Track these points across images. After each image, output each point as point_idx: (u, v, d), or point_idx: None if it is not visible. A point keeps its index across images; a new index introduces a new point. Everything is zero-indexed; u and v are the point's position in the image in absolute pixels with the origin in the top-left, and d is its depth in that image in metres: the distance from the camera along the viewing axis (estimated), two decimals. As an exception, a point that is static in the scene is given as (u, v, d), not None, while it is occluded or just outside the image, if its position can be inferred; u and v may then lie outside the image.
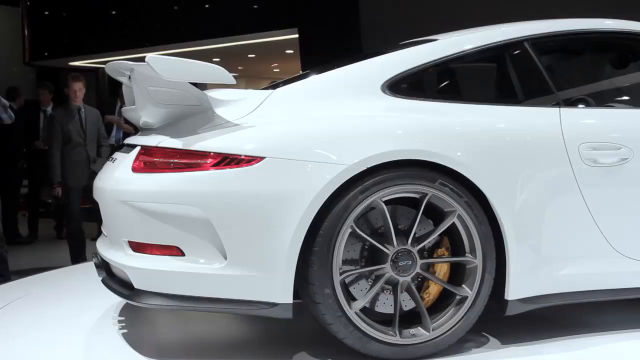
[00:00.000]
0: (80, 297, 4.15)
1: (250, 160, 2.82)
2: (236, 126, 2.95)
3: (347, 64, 3.27)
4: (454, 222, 2.98)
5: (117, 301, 3.77)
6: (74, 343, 3.30)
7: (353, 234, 2.90)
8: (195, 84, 3.07)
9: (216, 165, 2.83)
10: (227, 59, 15.90)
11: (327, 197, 2.81)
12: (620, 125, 3.24)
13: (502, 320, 3.10)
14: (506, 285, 3.01)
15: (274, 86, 3.29)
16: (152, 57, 2.83)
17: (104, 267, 3.20)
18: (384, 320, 2.99)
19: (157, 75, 2.83)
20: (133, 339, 3.28)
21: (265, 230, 2.79)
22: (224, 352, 3.13)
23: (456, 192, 2.93)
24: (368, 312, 3.00)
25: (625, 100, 3.72)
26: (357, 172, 2.83)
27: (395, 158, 2.87)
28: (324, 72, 3.26)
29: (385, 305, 3.02)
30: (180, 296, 2.86)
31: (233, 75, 3.05)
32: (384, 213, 2.89)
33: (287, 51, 14.75)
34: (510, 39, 3.30)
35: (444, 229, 2.98)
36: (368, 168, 2.85)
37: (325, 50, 9.79)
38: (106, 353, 3.20)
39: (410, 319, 3.01)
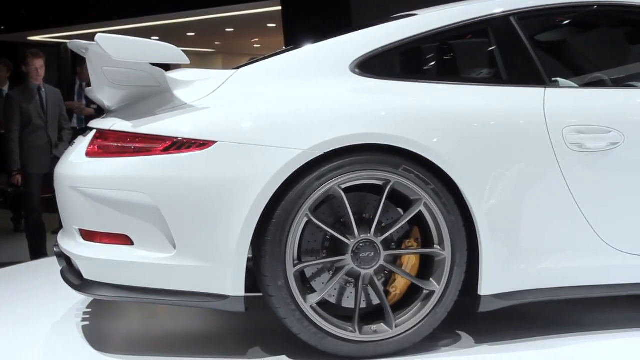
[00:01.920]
0: (40, 296, 3.87)
1: (202, 144, 2.67)
2: (191, 108, 2.80)
3: (327, 39, 3.08)
4: (423, 212, 2.77)
5: (80, 298, 3.57)
6: (31, 345, 3.12)
7: (313, 223, 2.72)
8: (165, 65, 2.93)
9: (166, 150, 2.69)
10: (202, 34, 14.96)
11: (280, 183, 2.64)
12: (610, 107, 2.98)
13: (479, 317, 2.88)
14: (479, 279, 2.80)
15: (249, 64, 3.13)
16: (102, 36, 2.70)
17: (64, 257, 3.09)
18: (360, 316, 2.81)
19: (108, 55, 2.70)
20: (93, 338, 3.13)
21: (215, 219, 2.65)
22: (177, 347, 3.00)
23: (422, 179, 2.73)
24: (335, 307, 2.83)
25: (621, 79, 3.43)
26: (312, 158, 2.65)
27: (354, 142, 2.68)
28: (295, 49, 3.08)
29: (350, 300, 2.84)
30: (129, 287, 2.74)
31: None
32: (343, 201, 2.71)
33: (269, 25, 13.83)
34: (494, 14, 3.06)
35: (408, 218, 2.78)
36: (326, 153, 2.66)
37: (311, 23, 9.14)
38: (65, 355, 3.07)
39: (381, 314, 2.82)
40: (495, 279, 2.81)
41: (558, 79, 3.43)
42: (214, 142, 2.67)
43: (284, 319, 2.70)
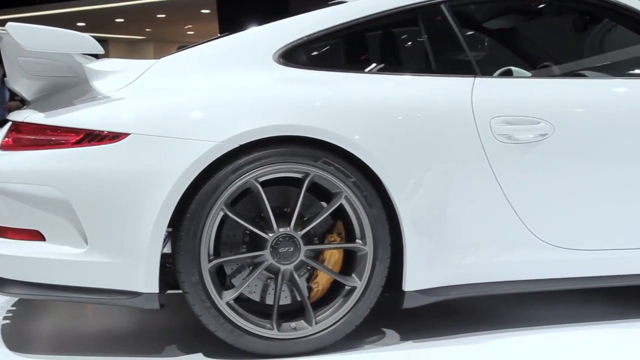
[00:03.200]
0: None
1: (115, 137, 2.59)
2: (107, 100, 2.71)
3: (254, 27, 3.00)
4: (345, 206, 2.69)
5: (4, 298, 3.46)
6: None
7: (230, 218, 2.65)
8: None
9: (78, 142, 2.61)
10: (132, 19, 14.57)
11: (194, 177, 2.56)
12: (540, 97, 2.90)
13: (407, 314, 2.82)
14: (403, 275, 2.72)
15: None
16: (12, 25, 2.61)
17: None
18: (283, 313, 2.75)
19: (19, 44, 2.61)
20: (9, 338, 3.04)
21: (127, 214, 2.56)
22: (93, 346, 2.92)
23: (343, 172, 2.65)
24: (259, 305, 2.76)
25: (557, 68, 3.36)
26: (227, 150, 2.57)
27: (270, 134, 2.60)
28: (219, 38, 3.00)
29: (272, 297, 2.76)
30: (41, 284, 2.65)
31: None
32: (260, 195, 2.63)
33: (203, 11, 13.49)
34: (425, 2, 2.98)
35: (328, 212, 2.70)
36: (242, 145, 2.58)
37: (247, 10, 8.90)
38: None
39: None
40: (420, 275, 2.74)
41: (512, 67, 3.37)
42: (127, 135, 2.58)
43: (199, 316, 2.63)
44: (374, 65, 3.13)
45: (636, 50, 3.40)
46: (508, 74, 3.31)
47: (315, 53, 2.96)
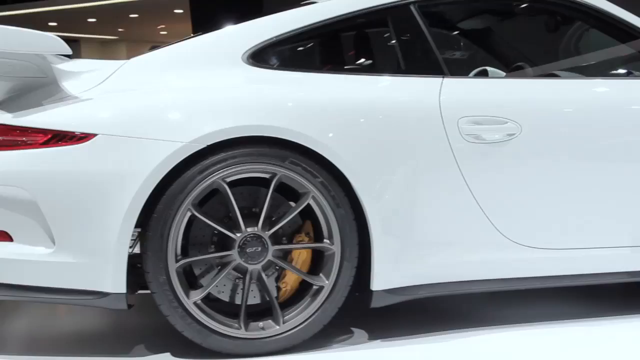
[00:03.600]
0: None
1: (82, 137, 2.59)
2: (76, 100, 2.72)
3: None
4: (312, 206, 2.71)
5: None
6: None
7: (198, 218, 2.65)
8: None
9: (46, 143, 2.61)
10: (104, 20, 14.32)
11: (161, 178, 2.57)
12: (508, 97, 2.92)
13: (376, 313, 2.82)
14: (371, 274, 2.73)
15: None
16: None
17: None
18: (253, 312, 2.76)
19: None
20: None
21: (95, 214, 2.57)
22: (60, 346, 2.92)
23: (310, 172, 2.66)
24: (228, 304, 2.78)
25: (530, 68, 3.39)
26: (195, 151, 2.58)
27: (237, 135, 2.61)
28: (190, 39, 3.01)
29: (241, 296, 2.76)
30: (9, 285, 2.65)
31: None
32: (227, 195, 2.63)
33: (176, 11, 13.39)
34: (394, 2, 2.99)
35: (296, 212, 2.72)
36: (209, 146, 2.59)
37: (220, 10, 8.82)
38: None
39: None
40: (388, 274, 2.75)
41: (487, 68, 3.39)
42: (94, 135, 2.59)
43: (167, 316, 2.63)
44: (342, 66, 3.14)
45: (608, 51, 3.43)
46: (483, 74, 3.34)
47: (283, 54, 2.97)
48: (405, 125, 2.78)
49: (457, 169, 2.80)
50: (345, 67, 3.10)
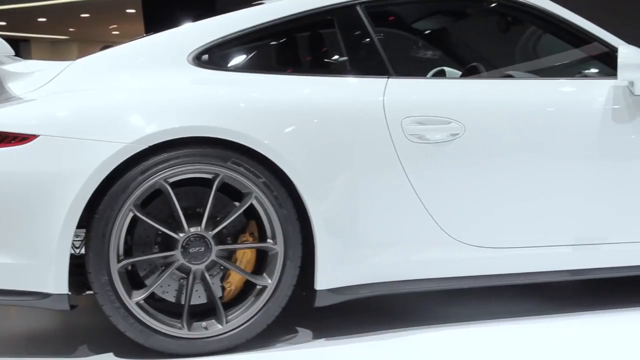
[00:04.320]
0: None
1: (24, 138, 2.59)
2: (19, 101, 2.71)
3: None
4: (256, 206, 2.72)
5: None
6: None
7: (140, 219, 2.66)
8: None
9: None
10: (55, 19, 14.16)
11: (102, 178, 2.57)
12: (452, 97, 2.96)
13: (323, 312, 2.84)
14: (315, 274, 2.75)
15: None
16: None
17: None
18: (199, 312, 2.77)
19: None
20: None
21: (36, 215, 2.57)
22: (1, 347, 2.91)
23: (252, 172, 2.67)
24: (173, 305, 2.78)
25: (484, 68, 3.41)
26: (137, 151, 2.59)
27: (179, 135, 2.63)
28: (136, 40, 3.01)
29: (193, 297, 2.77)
30: (-51, 286, 2.65)
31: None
32: (170, 195, 2.64)
33: (128, 10, 13.33)
34: (341, 3, 3.01)
35: (238, 212, 2.73)
36: (150, 147, 2.59)
37: (173, 10, 8.80)
38: None
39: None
40: (331, 274, 2.77)
41: (444, 68, 3.42)
42: (36, 136, 2.59)
43: (109, 316, 2.64)
44: (287, 66, 3.16)
45: (562, 52, 3.47)
46: (441, 74, 3.37)
47: (229, 54, 2.98)
48: (349, 126, 2.80)
49: (401, 169, 2.83)
50: (291, 68, 3.12)
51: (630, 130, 3.03)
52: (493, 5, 3.27)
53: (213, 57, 2.89)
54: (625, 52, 2.97)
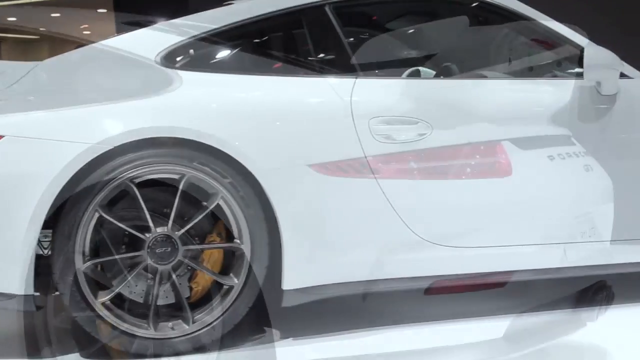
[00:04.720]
0: None
1: None
2: (-15, 101, 2.70)
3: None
4: (222, 206, 2.72)
5: None
6: None
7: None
8: None
9: None
10: (25, 19, 14.31)
11: (68, 179, 2.57)
12: (420, 97, 2.97)
13: (293, 312, 2.85)
14: (282, 274, 2.76)
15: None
16: None
17: None
18: (166, 312, 2.77)
19: None
20: None
21: (0, 216, 2.56)
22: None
23: (219, 173, 2.67)
24: (141, 305, 2.77)
25: (457, 69, 3.42)
26: (102, 152, 2.59)
27: (144, 136, 2.63)
28: (105, 40, 3.01)
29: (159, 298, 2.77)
30: None
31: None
32: (136, 196, 2.64)
33: (100, 10, 13.44)
34: (309, 3, 3.02)
35: (205, 213, 2.73)
36: (116, 147, 2.60)
37: (145, 9, 8.87)
38: None
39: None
40: (298, 274, 2.78)
41: (419, 68, 3.42)
42: (1, 137, 2.58)
43: (75, 317, 2.64)
44: (255, 67, 3.16)
45: (535, 52, 3.48)
46: (416, 74, 3.38)
47: (196, 55, 2.98)
48: (316, 126, 2.81)
49: (369, 170, 2.83)
50: (260, 68, 3.12)
51: (596, 129, 3.05)
52: (463, 5, 3.28)
53: (179, 57, 2.89)
54: (590, 52, 2.99)
